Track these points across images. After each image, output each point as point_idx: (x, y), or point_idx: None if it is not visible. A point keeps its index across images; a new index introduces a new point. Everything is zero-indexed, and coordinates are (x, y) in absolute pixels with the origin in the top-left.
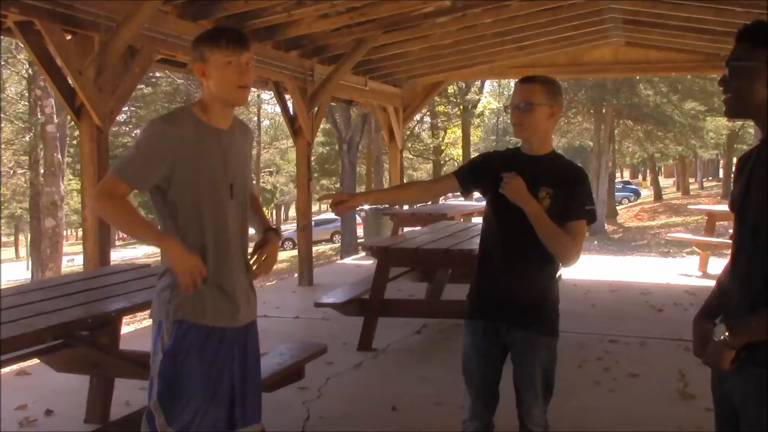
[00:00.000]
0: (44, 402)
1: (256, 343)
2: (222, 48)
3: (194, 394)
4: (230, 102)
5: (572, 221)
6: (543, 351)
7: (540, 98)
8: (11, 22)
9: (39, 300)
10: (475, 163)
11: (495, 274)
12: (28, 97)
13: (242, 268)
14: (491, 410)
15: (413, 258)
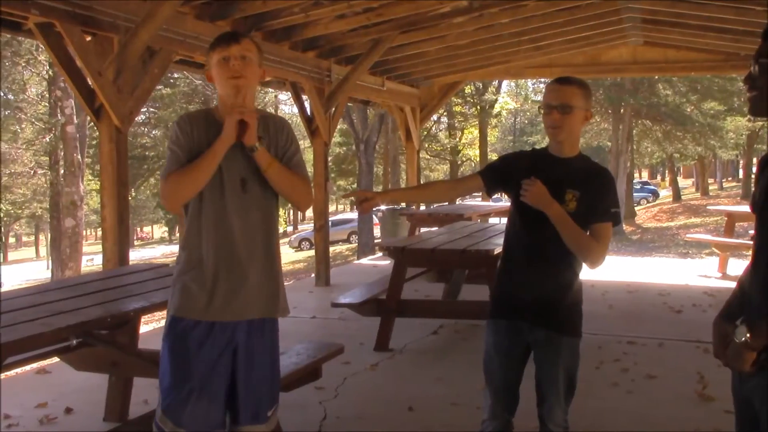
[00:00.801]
0: (64, 400)
1: (269, 341)
2: (215, 48)
3: (182, 384)
4: (229, 95)
5: (597, 224)
6: (566, 351)
7: (578, 101)
8: (32, 24)
9: (59, 299)
10: (501, 163)
11: (519, 274)
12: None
13: (254, 263)
14: (511, 411)
15: (430, 258)
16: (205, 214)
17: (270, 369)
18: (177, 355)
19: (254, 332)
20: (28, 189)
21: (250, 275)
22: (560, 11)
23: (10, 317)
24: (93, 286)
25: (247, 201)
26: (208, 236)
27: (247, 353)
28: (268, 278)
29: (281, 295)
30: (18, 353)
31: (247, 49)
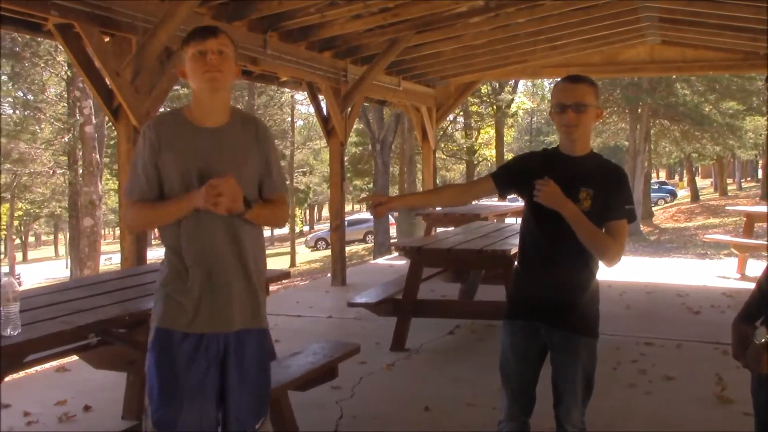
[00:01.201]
0: (83, 398)
1: (259, 352)
2: (190, 41)
3: (172, 397)
4: (203, 91)
5: (613, 221)
6: (584, 352)
7: (591, 99)
8: (51, 25)
9: (78, 298)
10: (513, 164)
11: (535, 275)
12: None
13: (233, 272)
14: (527, 412)
15: (446, 258)
16: (183, 224)
17: (259, 380)
18: (165, 368)
19: (243, 343)
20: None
21: (235, 284)
22: (577, 10)
23: (30, 315)
24: (111, 285)
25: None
26: (188, 246)
27: (236, 364)
28: (255, 287)
29: (264, 305)
30: (38, 351)
31: (224, 43)
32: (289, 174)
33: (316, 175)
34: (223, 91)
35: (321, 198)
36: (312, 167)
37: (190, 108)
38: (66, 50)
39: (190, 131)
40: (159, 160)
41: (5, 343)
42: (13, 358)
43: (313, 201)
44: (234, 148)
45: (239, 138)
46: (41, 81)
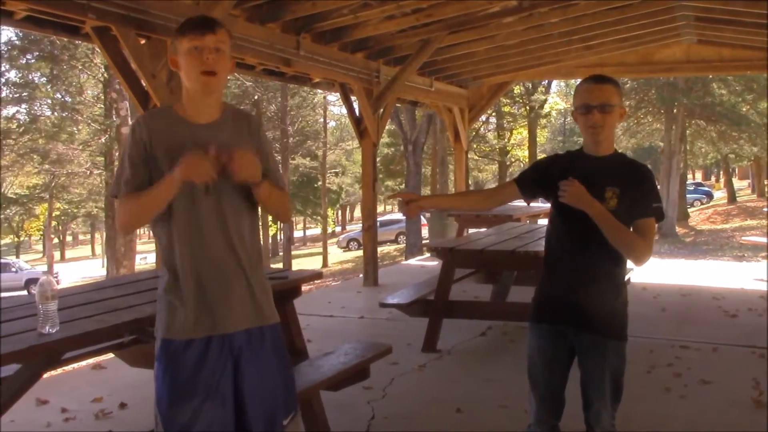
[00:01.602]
0: (118, 395)
1: (273, 348)
2: (185, 33)
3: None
4: (197, 90)
5: (640, 219)
6: (612, 355)
7: (616, 99)
8: (89, 28)
9: (114, 296)
10: (537, 168)
11: (561, 277)
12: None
13: (231, 271)
14: (557, 415)
15: (478, 259)
16: (176, 226)
17: (279, 376)
18: (174, 377)
19: (254, 341)
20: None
21: (235, 284)
22: (612, 10)
23: (68, 314)
24: (146, 284)
25: (215, 205)
26: (183, 249)
27: (249, 364)
28: (256, 284)
29: (271, 300)
30: (75, 349)
31: (222, 40)
32: (322, 175)
33: (348, 175)
34: (218, 91)
35: (353, 199)
36: (344, 168)
37: (181, 104)
38: (103, 52)
39: (182, 127)
40: (149, 156)
41: (44, 340)
42: (51, 355)
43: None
44: (227, 144)
45: (231, 133)
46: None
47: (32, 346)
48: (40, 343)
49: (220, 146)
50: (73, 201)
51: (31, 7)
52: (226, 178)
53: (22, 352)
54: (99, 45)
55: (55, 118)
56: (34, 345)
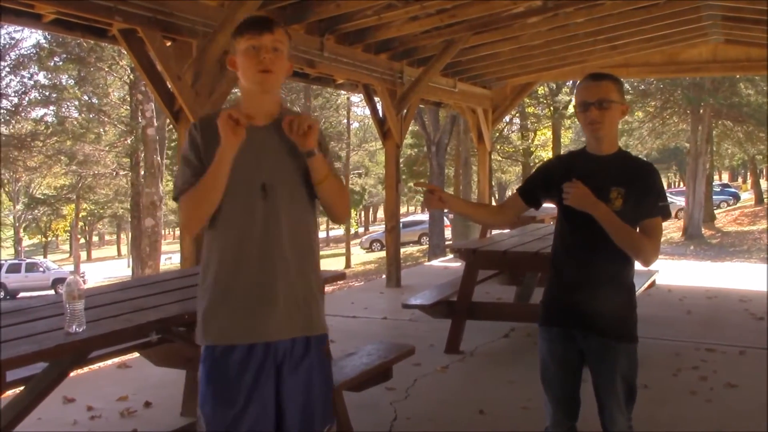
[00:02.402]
0: (143, 394)
1: (317, 359)
2: (243, 33)
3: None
4: (254, 89)
5: (647, 219)
6: (622, 358)
7: (615, 96)
8: (116, 30)
9: (139, 296)
10: (537, 174)
11: (568, 280)
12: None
13: (279, 279)
14: (573, 416)
15: (501, 261)
16: (224, 228)
17: (320, 388)
18: (217, 382)
19: (298, 351)
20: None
21: (284, 291)
22: (637, 10)
23: (94, 313)
24: (171, 284)
25: (272, 209)
26: (231, 252)
27: (291, 374)
28: (307, 293)
29: (321, 309)
30: (101, 348)
31: (280, 40)
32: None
33: (371, 176)
34: (273, 91)
35: (376, 200)
36: (367, 169)
37: (238, 104)
38: (129, 55)
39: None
40: (204, 158)
41: (71, 339)
42: (78, 354)
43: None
44: (281, 146)
45: (286, 136)
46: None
47: (59, 344)
48: (67, 342)
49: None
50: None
51: (60, 10)
52: (283, 181)
53: (49, 351)
54: (125, 47)
55: (82, 120)
56: (61, 344)
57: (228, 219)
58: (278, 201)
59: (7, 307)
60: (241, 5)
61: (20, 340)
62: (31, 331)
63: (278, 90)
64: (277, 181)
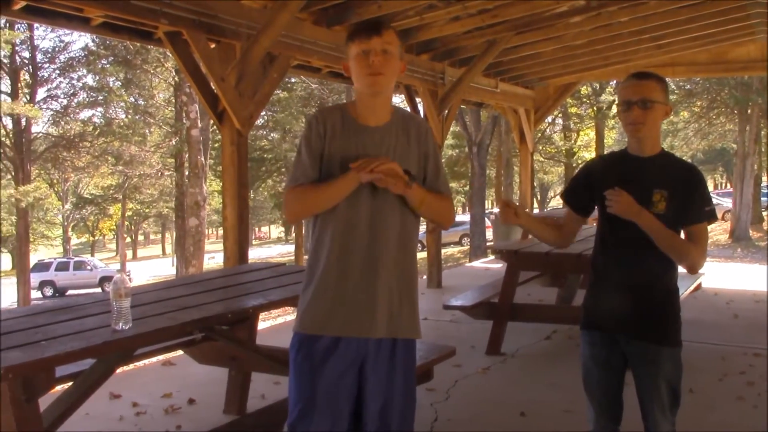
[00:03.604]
0: (187, 391)
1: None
2: (354, 39)
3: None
4: (365, 92)
5: (693, 225)
6: (667, 363)
7: (658, 96)
8: (161, 33)
9: (183, 295)
10: (578, 181)
11: (611, 284)
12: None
13: (376, 277)
14: (616, 420)
15: (544, 262)
16: (334, 221)
17: (400, 396)
18: (300, 371)
19: (383, 353)
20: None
21: (379, 290)
22: (683, 8)
23: (139, 311)
24: (215, 283)
25: (380, 209)
26: (333, 246)
27: (373, 374)
28: (402, 295)
29: (414, 313)
30: (147, 345)
31: (389, 41)
32: None
33: None
34: (385, 93)
35: None
36: None
37: (354, 104)
38: (174, 57)
39: (353, 127)
40: (324, 149)
41: (117, 336)
42: (124, 351)
43: None
44: (394, 147)
45: (399, 138)
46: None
47: (107, 342)
48: (113, 339)
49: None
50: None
51: (107, 14)
52: None
53: (97, 348)
54: (171, 49)
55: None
56: (108, 341)
57: (339, 217)
58: (387, 201)
59: (56, 304)
60: (284, 6)
61: (69, 336)
62: (79, 328)
63: (390, 91)
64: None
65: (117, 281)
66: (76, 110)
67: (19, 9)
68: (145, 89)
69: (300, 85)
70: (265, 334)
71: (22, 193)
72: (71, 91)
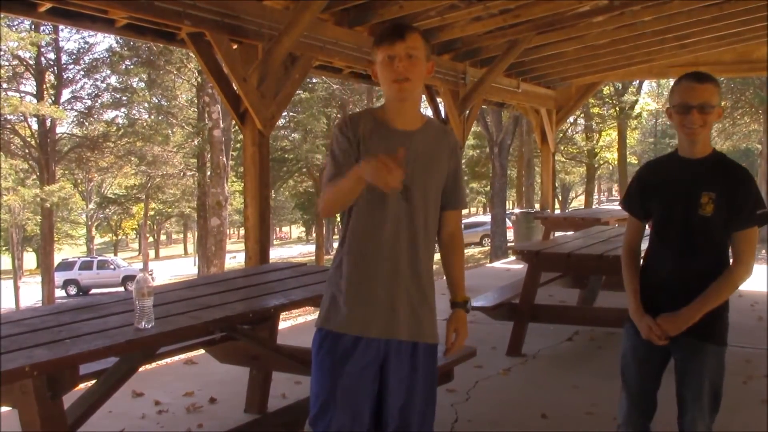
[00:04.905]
0: (208, 390)
1: (423, 368)
2: (379, 45)
3: (324, 396)
4: (392, 98)
5: (743, 230)
6: (711, 361)
7: (716, 99)
8: (184, 34)
9: (205, 294)
10: (632, 189)
11: (659, 278)
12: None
13: (400, 278)
14: (647, 417)
15: (565, 263)
16: (362, 221)
17: (420, 398)
18: (321, 367)
19: (403, 355)
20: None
21: (402, 292)
22: (708, 7)
23: (162, 310)
24: (236, 283)
25: (408, 212)
26: (359, 245)
27: (394, 374)
28: (424, 297)
29: (434, 318)
30: (169, 344)
31: (414, 46)
32: None
33: None
34: (412, 98)
35: None
36: None
37: (383, 108)
38: (197, 57)
39: (383, 130)
40: (355, 152)
41: (140, 335)
42: (147, 349)
43: None
44: (424, 154)
45: (430, 145)
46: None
47: (130, 340)
48: (136, 337)
49: (412, 155)
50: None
51: (132, 15)
52: (422, 187)
53: (120, 346)
54: (194, 50)
55: (151, 122)
56: (131, 339)
57: (365, 216)
58: (415, 205)
59: (80, 303)
60: (306, 7)
61: (93, 335)
62: (103, 326)
63: (419, 95)
64: (416, 184)
65: (140, 280)
66: (100, 111)
67: (44, 11)
68: (168, 90)
69: (321, 85)
70: (286, 334)
71: (47, 192)
72: (95, 92)
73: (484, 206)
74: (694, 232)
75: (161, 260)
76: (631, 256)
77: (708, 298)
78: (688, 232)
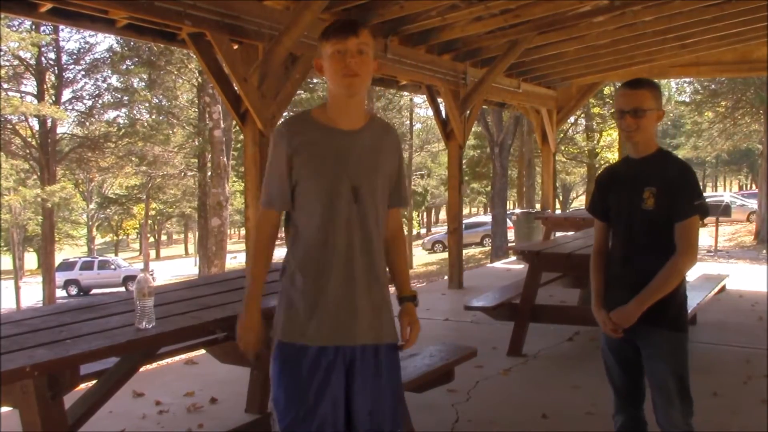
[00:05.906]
0: (209, 390)
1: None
2: (329, 37)
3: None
4: (340, 93)
5: (683, 221)
6: (667, 346)
7: (651, 103)
8: (185, 34)
9: (206, 294)
10: (597, 192)
11: (614, 274)
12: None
13: (359, 284)
14: (636, 405)
15: (565, 263)
16: (310, 226)
17: (389, 393)
18: (288, 379)
19: (367, 358)
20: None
21: (363, 297)
22: (709, 7)
23: (163, 310)
24: (237, 283)
25: (359, 214)
26: (312, 256)
27: (360, 379)
28: (383, 300)
29: (392, 317)
30: (170, 344)
31: (365, 42)
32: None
33: (433, 177)
34: (360, 94)
35: (438, 201)
36: (430, 170)
37: (324, 108)
38: (198, 58)
39: (323, 133)
40: (292, 164)
41: (141, 335)
42: (147, 349)
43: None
44: (370, 152)
45: (375, 143)
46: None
47: (130, 340)
48: (137, 337)
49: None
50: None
51: (132, 15)
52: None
53: (120, 346)
54: (194, 50)
55: (152, 122)
56: (132, 339)
57: (313, 221)
58: (366, 205)
59: (81, 303)
60: (306, 7)
61: (93, 335)
62: (103, 326)
63: (365, 93)
64: (364, 185)
65: (141, 280)
66: (101, 111)
67: (45, 11)
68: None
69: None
70: None
71: (48, 193)
72: (96, 92)
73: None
74: (639, 226)
75: (162, 260)
76: (597, 257)
77: (653, 288)
78: (633, 226)
